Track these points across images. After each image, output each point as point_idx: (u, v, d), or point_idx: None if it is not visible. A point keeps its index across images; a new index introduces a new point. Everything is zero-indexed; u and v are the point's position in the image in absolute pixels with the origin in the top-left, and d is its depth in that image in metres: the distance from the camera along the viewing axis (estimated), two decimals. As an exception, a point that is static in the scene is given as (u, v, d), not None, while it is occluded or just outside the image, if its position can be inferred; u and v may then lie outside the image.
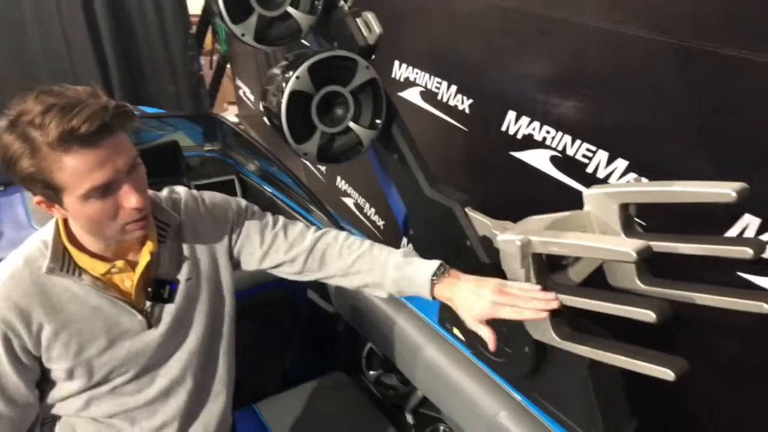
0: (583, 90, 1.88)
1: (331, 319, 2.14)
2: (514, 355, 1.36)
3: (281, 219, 1.35)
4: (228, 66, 5.62)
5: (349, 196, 3.76)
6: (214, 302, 1.26)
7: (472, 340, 1.51)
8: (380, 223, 3.44)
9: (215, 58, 5.49)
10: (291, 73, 1.32)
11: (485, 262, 1.34)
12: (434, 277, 1.16)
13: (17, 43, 4.60)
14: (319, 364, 2.16)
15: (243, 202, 1.32)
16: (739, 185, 0.91)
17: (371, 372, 2.08)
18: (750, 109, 1.42)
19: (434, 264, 1.18)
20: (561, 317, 1.08)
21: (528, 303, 1.03)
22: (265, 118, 1.45)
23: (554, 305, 1.03)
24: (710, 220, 1.50)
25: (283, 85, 1.33)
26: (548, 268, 1.10)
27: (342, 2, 1.44)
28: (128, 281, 1.14)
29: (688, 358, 0.93)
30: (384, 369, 2.06)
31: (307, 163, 4.16)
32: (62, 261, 1.07)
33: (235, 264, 1.31)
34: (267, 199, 2.58)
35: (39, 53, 4.65)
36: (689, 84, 1.57)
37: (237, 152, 2.83)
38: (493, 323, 1.08)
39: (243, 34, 1.38)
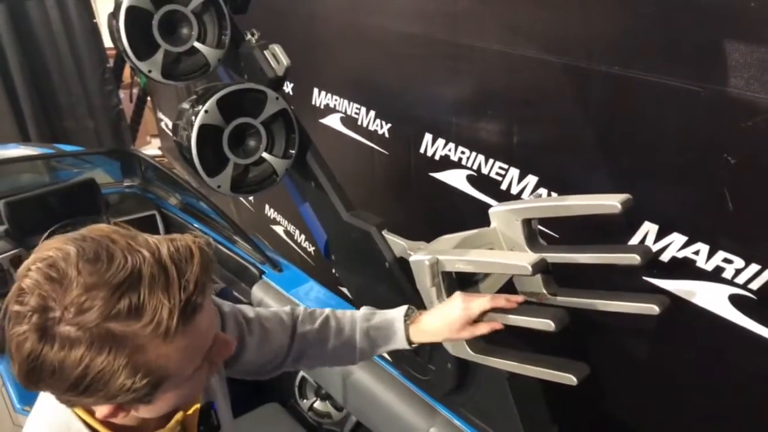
0: (490, 111, 1.95)
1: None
2: (437, 372, 1.39)
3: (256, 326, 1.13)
4: (149, 98, 5.51)
5: (278, 223, 3.74)
6: (225, 402, 1.05)
7: (399, 360, 1.54)
8: (311, 249, 3.44)
9: (135, 91, 5.37)
10: (200, 107, 1.32)
11: (403, 283, 1.37)
12: (406, 318, 1.10)
13: None
14: (252, 396, 2.13)
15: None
16: (623, 197, 0.97)
17: (305, 400, 2.07)
18: (641, 123, 1.52)
19: (401, 309, 1.12)
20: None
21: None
22: (178, 152, 1.45)
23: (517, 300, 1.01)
24: (617, 227, 1.59)
25: (193, 118, 1.33)
26: (460, 285, 1.14)
27: (249, 36, 1.46)
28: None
29: (604, 360, 0.98)
30: (317, 396, 2.06)
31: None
32: None
33: None
34: (190, 232, 2.54)
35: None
36: (587, 103, 1.67)
37: (157, 186, 2.78)
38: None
39: (150, 71, 1.37)
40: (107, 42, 5.00)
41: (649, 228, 1.51)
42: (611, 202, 0.97)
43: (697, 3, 1.27)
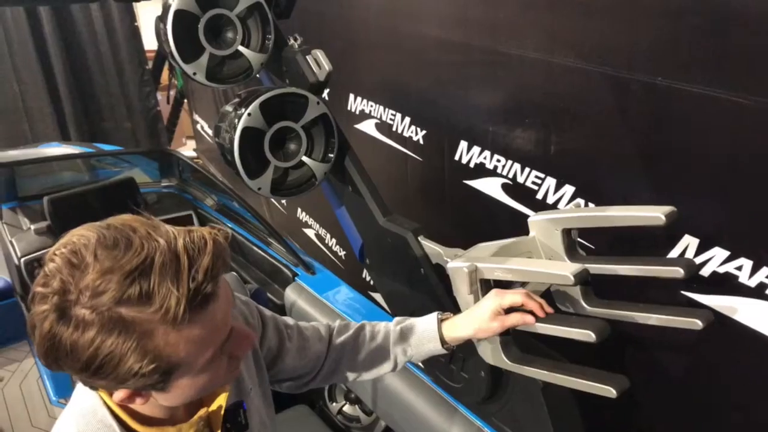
0: (527, 119, 1.94)
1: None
2: (470, 380, 1.39)
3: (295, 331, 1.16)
4: (185, 101, 5.61)
5: (310, 227, 3.77)
6: (266, 406, 1.07)
7: (431, 367, 1.54)
8: (341, 253, 3.45)
9: (172, 93, 5.48)
10: (243, 110, 1.34)
11: (438, 289, 1.37)
12: (440, 315, 1.11)
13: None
14: (282, 398, 2.15)
15: (253, 303, 1.13)
16: (668, 209, 0.96)
17: (334, 404, 2.08)
18: (685, 135, 1.50)
19: (432, 314, 1.13)
20: (511, 340, 1.12)
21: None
22: (219, 154, 1.47)
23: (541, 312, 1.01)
24: (655, 240, 1.57)
25: (236, 121, 1.35)
26: (497, 294, 1.14)
27: (292, 40, 1.48)
28: (206, 429, 0.91)
29: (641, 374, 0.96)
30: (346, 400, 2.07)
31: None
32: None
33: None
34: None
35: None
36: (627, 113, 1.65)
37: (194, 187, 2.82)
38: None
39: (195, 73, 1.40)
40: (147, 44, 5.12)
41: (689, 241, 1.49)
42: (655, 214, 0.96)
43: (746, 14, 1.25)
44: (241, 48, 1.43)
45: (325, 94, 3.02)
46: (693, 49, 1.42)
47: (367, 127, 2.79)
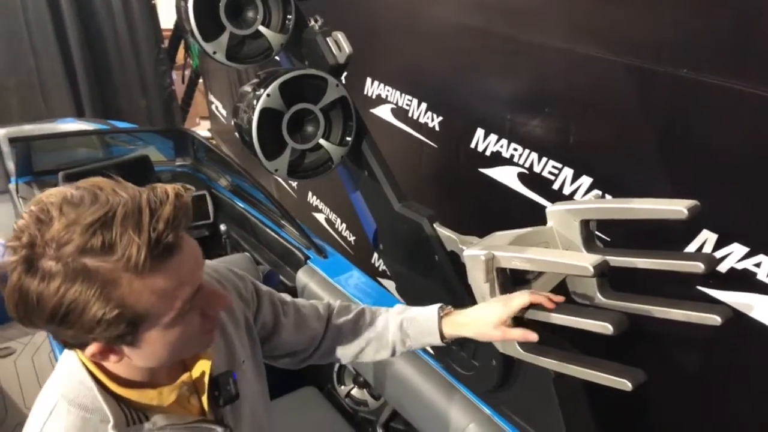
0: (547, 109, 1.93)
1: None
2: (481, 368, 1.39)
3: (291, 306, 1.18)
4: (200, 80, 5.61)
5: (320, 211, 3.77)
6: (259, 379, 1.08)
7: (442, 354, 1.54)
8: (351, 238, 3.45)
9: (187, 72, 5.47)
10: (262, 90, 1.34)
11: (452, 276, 1.36)
12: (440, 310, 1.11)
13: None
14: (290, 379, 2.16)
15: (249, 278, 1.14)
16: (690, 203, 0.95)
17: (342, 387, 2.09)
18: (706, 129, 1.48)
19: (434, 306, 1.13)
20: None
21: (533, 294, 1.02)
22: (236, 134, 1.47)
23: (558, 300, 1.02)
24: (671, 234, 1.55)
25: (254, 102, 1.34)
26: (512, 282, 1.13)
27: (312, 22, 1.47)
28: (193, 398, 0.91)
29: (652, 368, 0.96)
30: (355, 384, 2.07)
31: (279, 178, 4.17)
32: (125, 413, 0.81)
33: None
34: (238, 214, 2.58)
35: (5, 64, 4.59)
36: (648, 104, 1.63)
37: (208, 167, 2.83)
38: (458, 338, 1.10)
39: (214, 52, 1.40)
40: (163, 23, 5.11)
41: (707, 236, 1.47)
42: (677, 208, 0.94)
43: (777, 7, 1.23)
44: (261, 28, 1.42)
45: (342, 77, 3.02)
46: (719, 41, 1.40)
47: (383, 112, 2.77)
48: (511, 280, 1.12)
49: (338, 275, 2.06)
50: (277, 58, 1.53)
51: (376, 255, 3.13)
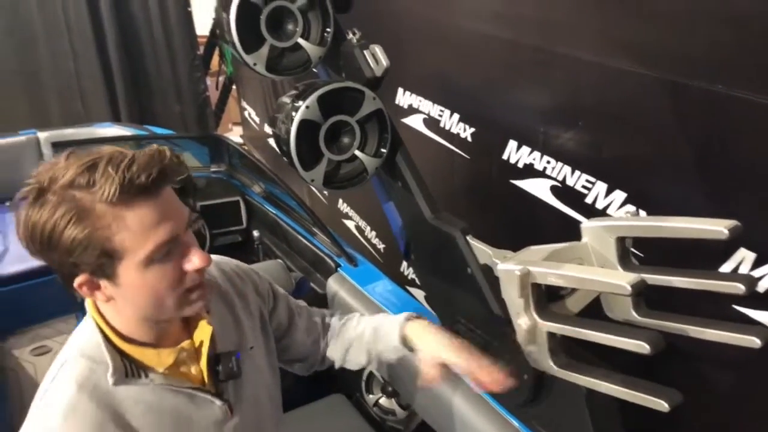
0: (581, 122, 1.92)
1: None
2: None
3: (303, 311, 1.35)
4: (234, 87, 5.69)
5: (350, 218, 3.80)
6: (268, 369, 1.17)
7: (472, 366, 1.54)
8: (381, 246, 3.47)
9: (221, 79, 5.56)
10: (301, 102, 1.36)
11: (485, 290, 1.37)
12: (407, 318, 1.25)
13: (26, 57, 4.67)
14: (318, 387, 2.18)
15: (267, 279, 1.28)
16: (731, 223, 0.94)
17: (371, 395, 2.10)
18: (743, 145, 1.46)
19: (396, 326, 1.25)
20: (559, 346, 1.11)
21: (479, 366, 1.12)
22: (273, 144, 1.49)
23: (495, 388, 1.11)
24: (706, 252, 1.54)
25: (293, 113, 1.37)
26: (546, 298, 1.14)
27: (350, 35, 1.49)
28: (194, 367, 0.99)
29: (683, 389, 0.95)
30: (383, 393, 2.08)
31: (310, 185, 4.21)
32: (125, 367, 0.91)
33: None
34: (271, 220, 2.61)
35: (47, 67, 4.72)
36: (683, 119, 1.62)
37: (242, 174, 2.87)
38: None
39: (255, 64, 1.43)
40: (198, 30, 5.20)
41: (744, 255, 1.45)
42: (718, 228, 0.94)
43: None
44: (300, 40, 1.45)
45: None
46: (755, 56, 1.38)
47: (415, 121, 2.79)
48: (546, 295, 1.12)
49: (368, 284, 2.07)
50: (314, 69, 1.56)
51: (405, 264, 3.14)
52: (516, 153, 2.22)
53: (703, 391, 1.59)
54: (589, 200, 1.93)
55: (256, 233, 2.58)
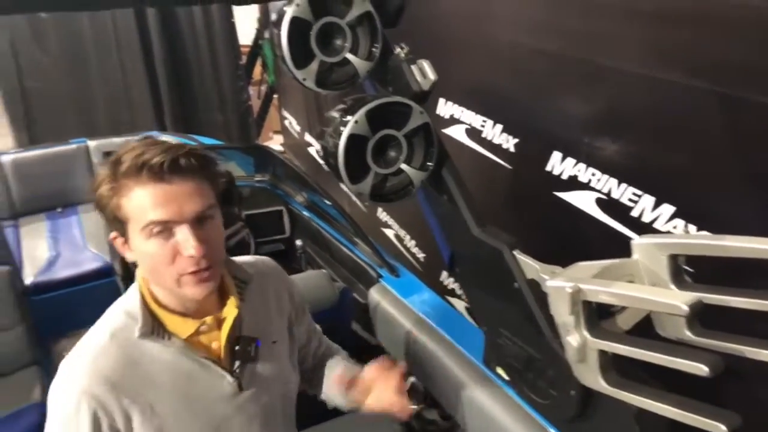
0: (627, 134, 1.90)
1: (373, 351, 2.17)
2: (559, 397, 1.37)
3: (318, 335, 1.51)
4: (275, 96, 5.78)
5: (389, 227, 3.81)
6: (288, 367, 1.27)
7: (518, 381, 1.53)
8: (420, 255, 3.48)
9: (263, 88, 5.65)
10: (349, 117, 1.38)
11: (531, 305, 1.36)
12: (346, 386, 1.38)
13: (77, 68, 4.84)
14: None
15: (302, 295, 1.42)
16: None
17: (412, 406, 2.09)
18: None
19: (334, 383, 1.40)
20: (610, 363, 1.10)
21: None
22: (318, 157, 1.52)
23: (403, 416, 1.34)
24: (761, 270, 1.50)
25: (341, 128, 1.39)
26: (597, 315, 1.13)
27: (398, 49, 1.50)
28: (215, 342, 1.11)
29: (740, 412, 0.93)
30: (425, 403, 2.08)
31: (349, 192, 4.25)
32: (152, 325, 1.05)
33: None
34: (313, 230, 2.64)
35: (97, 78, 4.88)
36: (737, 133, 1.58)
37: (286, 183, 2.91)
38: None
39: (304, 79, 1.45)
40: (241, 39, 5.30)
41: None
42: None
43: None
44: (349, 55, 1.47)
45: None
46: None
47: (456, 132, 2.79)
48: (597, 312, 1.11)
49: (410, 295, 2.08)
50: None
51: (445, 273, 3.14)
52: (560, 164, 2.20)
53: (764, 416, 1.54)
54: (635, 213, 1.90)
55: (298, 242, 2.62)
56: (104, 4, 2.33)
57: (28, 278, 2.86)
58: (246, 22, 5.43)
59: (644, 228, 1.86)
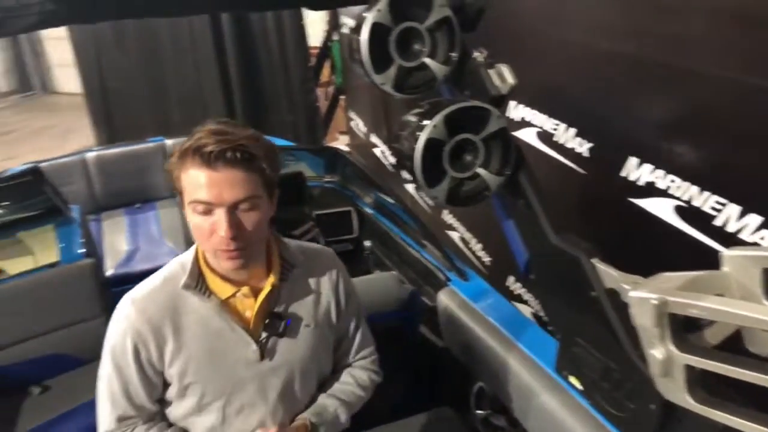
0: (710, 140, 1.83)
1: (440, 354, 2.17)
2: (637, 410, 1.34)
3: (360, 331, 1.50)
4: (342, 97, 5.85)
5: (455, 230, 3.80)
6: (317, 353, 1.35)
7: (592, 391, 1.50)
8: (486, 259, 3.45)
9: (330, 89, 5.73)
10: (427, 121, 1.38)
11: (610, 315, 1.33)
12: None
13: (154, 69, 5.04)
14: (426, 398, 2.19)
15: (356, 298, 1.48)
16: None
17: (479, 411, 2.09)
18: None
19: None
20: (699, 380, 1.06)
21: None
22: (393, 159, 1.53)
23: None
24: None
25: (418, 132, 1.39)
26: (684, 328, 1.09)
27: (476, 53, 1.50)
28: (249, 311, 1.24)
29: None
30: (493, 409, 2.06)
31: (413, 194, 4.25)
32: (197, 280, 1.21)
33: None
34: (382, 231, 2.66)
35: (173, 78, 5.06)
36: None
37: (355, 184, 2.95)
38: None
39: (383, 83, 1.46)
40: (310, 41, 5.39)
41: None
42: None
43: None
44: (427, 60, 1.47)
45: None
46: None
47: (527, 135, 2.75)
48: (683, 325, 1.08)
49: (479, 300, 2.07)
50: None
51: (512, 278, 3.11)
52: (636, 170, 2.14)
53: None
54: (718, 222, 1.83)
55: (367, 243, 2.64)
56: (183, 11, 2.43)
57: (109, 270, 3.00)
58: (315, 24, 5.52)
59: (728, 238, 1.79)
